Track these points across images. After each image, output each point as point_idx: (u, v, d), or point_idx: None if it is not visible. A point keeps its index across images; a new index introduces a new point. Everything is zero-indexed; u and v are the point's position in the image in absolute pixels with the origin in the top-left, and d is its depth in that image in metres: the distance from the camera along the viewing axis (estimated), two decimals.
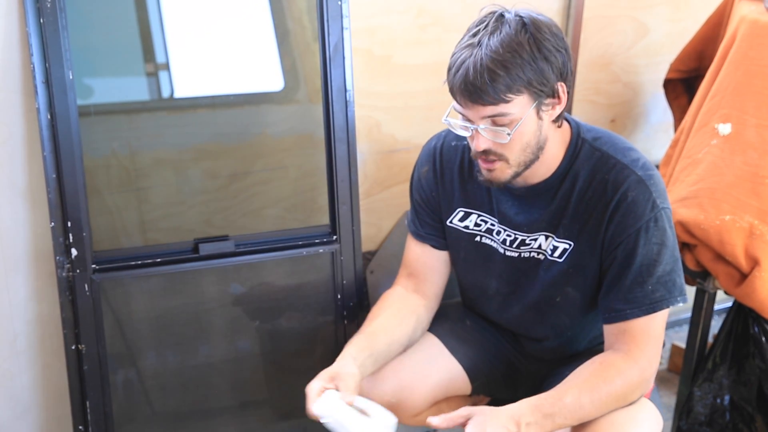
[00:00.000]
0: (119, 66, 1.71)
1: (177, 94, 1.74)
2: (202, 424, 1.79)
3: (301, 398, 1.73)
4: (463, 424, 1.43)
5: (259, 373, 1.83)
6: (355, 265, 1.78)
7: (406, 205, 1.99)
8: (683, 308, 2.44)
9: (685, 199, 1.74)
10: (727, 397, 1.80)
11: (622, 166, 1.42)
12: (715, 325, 1.90)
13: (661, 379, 2.35)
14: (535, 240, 1.51)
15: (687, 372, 1.88)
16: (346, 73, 1.71)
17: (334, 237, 1.76)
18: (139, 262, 1.65)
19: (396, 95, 1.94)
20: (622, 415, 1.46)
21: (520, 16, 1.34)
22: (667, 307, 1.43)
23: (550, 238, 1.49)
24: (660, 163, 1.89)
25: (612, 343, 1.45)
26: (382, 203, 2.03)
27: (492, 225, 1.53)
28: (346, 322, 1.80)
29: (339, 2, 1.66)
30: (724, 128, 1.69)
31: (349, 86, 1.71)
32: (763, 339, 1.72)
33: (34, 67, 1.50)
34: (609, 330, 1.45)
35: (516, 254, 1.53)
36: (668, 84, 2.08)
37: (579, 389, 1.40)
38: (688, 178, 1.75)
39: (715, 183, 1.70)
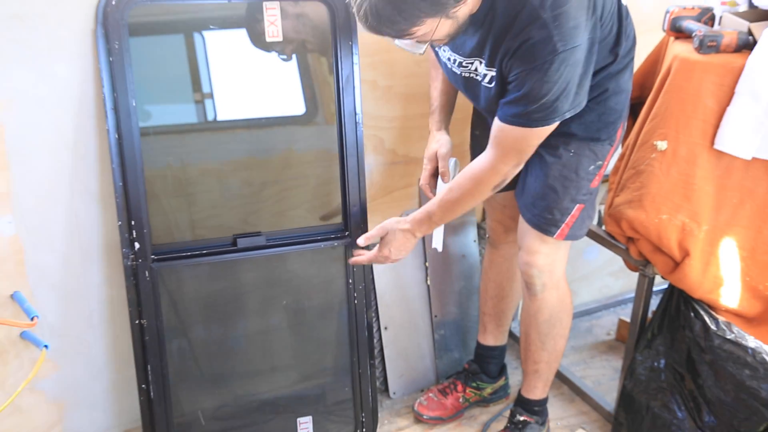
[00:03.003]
0: (173, 95, 1.71)
1: (219, 118, 1.74)
2: (239, 383, 1.80)
3: (320, 364, 1.78)
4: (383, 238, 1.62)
5: (285, 343, 1.84)
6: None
7: (405, 206, 2.08)
8: (628, 289, 2.53)
9: (630, 201, 1.73)
10: (662, 361, 1.80)
11: (531, 8, 1.27)
12: (654, 303, 1.90)
13: (609, 347, 2.35)
14: (471, 63, 1.44)
15: (631, 341, 1.90)
16: (356, 100, 1.71)
17: (347, 233, 1.76)
18: (189, 253, 1.66)
19: (396, 118, 1.94)
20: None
21: None
22: (541, 126, 1.36)
23: (481, 64, 1.42)
24: (610, 173, 1.87)
25: (489, 140, 1.44)
26: (386, 205, 2.03)
27: (451, 53, 1.48)
28: (356, 302, 1.80)
29: (350, 43, 1.67)
30: (662, 145, 1.67)
31: (358, 110, 1.71)
32: (691, 314, 1.71)
33: (104, 96, 1.52)
34: (492, 131, 1.43)
35: (460, 72, 1.49)
36: None
37: (449, 186, 1.53)
38: (633, 185, 1.74)
39: (654, 189, 1.69)
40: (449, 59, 1.50)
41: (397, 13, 1.18)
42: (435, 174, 1.69)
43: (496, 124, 1.42)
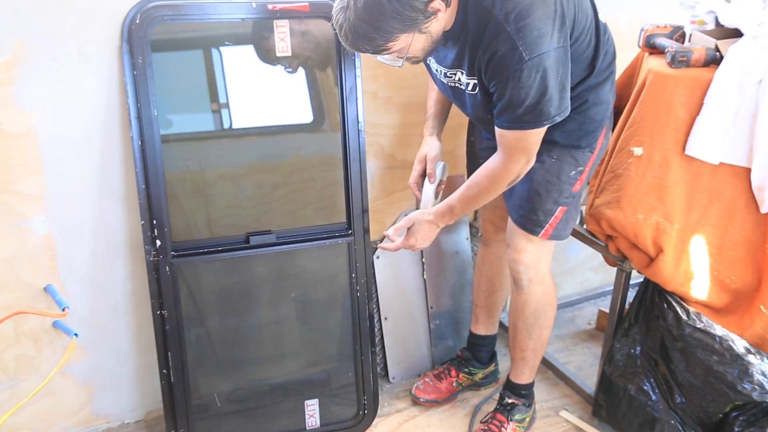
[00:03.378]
0: (191, 105, 1.70)
1: (234, 126, 1.73)
2: (252, 368, 1.80)
3: (325, 351, 1.78)
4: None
5: (294, 332, 1.83)
6: (365, 252, 1.78)
7: (403, 207, 2.06)
8: (607, 283, 2.52)
9: (609, 203, 1.73)
10: (638, 348, 1.80)
11: (496, 22, 1.26)
12: (630, 295, 1.89)
13: (590, 336, 2.35)
14: (455, 74, 1.45)
15: (610, 330, 1.89)
16: (358, 110, 1.70)
17: (350, 231, 1.76)
18: (206, 250, 1.65)
19: (395, 126, 1.93)
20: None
21: None
22: (533, 128, 1.36)
23: (463, 74, 1.42)
24: (591, 177, 1.83)
25: (498, 145, 1.45)
26: (385, 205, 2.02)
27: (437, 65, 1.49)
28: (358, 295, 1.79)
29: (353, 57, 1.67)
30: (638, 151, 1.67)
31: (360, 119, 1.71)
32: (665, 305, 1.72)
33: (129, 106, 1.52)
34: (496, 137, 1.44)
35: (447, 82, 1.49)
36: None
37: (468, 183, 1.53)
38: (612, 188, 1.74)
39: (631, 191, 1.69)
40: (437, 71, 1.51)
41: (373, 30, 1.21)
42: (423, 175, 1.69)
43: (497, 130, 1.42)
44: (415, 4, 1.21)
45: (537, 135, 1.40)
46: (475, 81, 1.40)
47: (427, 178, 1.68)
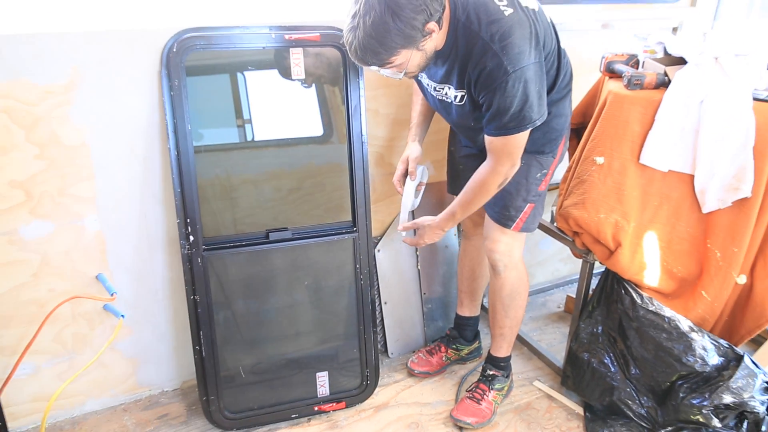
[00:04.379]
0: (219, 121, 1.69)
1: (256, 139, 1.72)
2: (271, 345, 1.79)
3: (333, 330, 1.74)
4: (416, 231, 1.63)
5: (307, 314, 1.82)
6: (368, 246, 1.78)
7: (400, 208, 1.96)
8: (574, 272, 2.49)
9: (575, 204, 1.75)
10: (600, 327, 1.81)
11: (483, 42, 1.28)
12: (594, 282, 1.92)
13: (559, 317, 2.35)
14: (443, 89, 1.45)
15: (576, 312, 1.90)
16: (362, 124, 1.70)
17: (354, 228, 1.76)
18: (232, 244, 1.65)
19: (393, 138, 1.93)
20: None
21: None
22: (518, 132, 1.37)
23: (451, 89, 1.42)
24: (561, 181, 1.87)
25: (487, 152, 1.46)
26: (385, 207, 2.02)
27: (428, 80, 1.49)
28: (362, 282, 1.79)
29: (357, 79, 1.67)
30: (600, 160, 1.69)
31: (364, 132, 1.71)
32: (622, 291, 1.73)
33: (167, 122, 1.53)
34: (486, 144, 1.44)
35: (435, 95, 1.50)
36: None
37: (464, 190, 1.52)
38: (577, 191, 1.75)
39: (594, 195, 1.70)
40: (428, 85, 1.51)
41: (379, 45, 1.22)
42: (406, 174, 1.69)
43: (486, 139, 1.42)
44: (414, 24, 1.22)
45: (521, 139, 1.41)
46: (464, 93, 1.40)
47: (408, 176, 1.68)
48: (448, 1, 1.29)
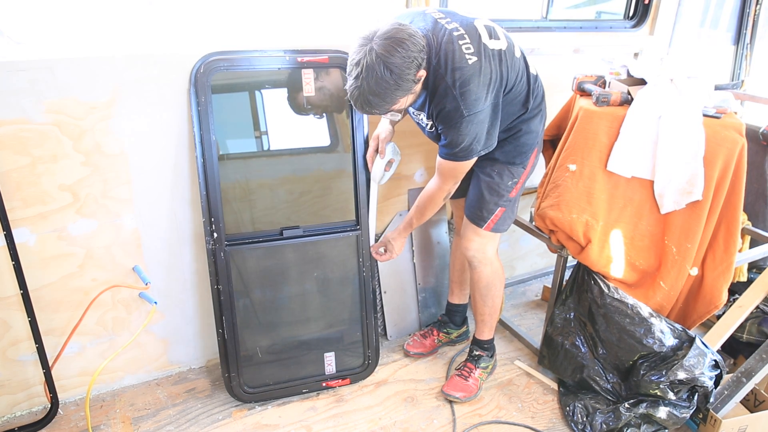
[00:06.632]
0: (240, 132, 1.69)
1: (272, 148, 1.72)
2: (285, 329, 1.78)
3: (339, 316, 1.74)
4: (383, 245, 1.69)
5: (316, 301, 1.81)
6: (368, 242, 1.79)
7: (398, 208, 2.06)
8: (550, 265, 2.50)
9: (551, 205, 1.76)
10: (572, 314, 1.82)
11: (446, 85, 1.31)
12: (567, 274, 1.97)
13: (537, 305, 2.36)
14: (420, 114, 1.48)
15: (551, 301, 1.91)
16: (364, 136, 1.72)
17: (358, 227, 1.76)
18: (250, 240, 1.66)
19: None
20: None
21: (380, 57, 1.21)
22: (464, 161, 1.41)
23: (424, 116, 1.46)
24: (538, 185, 1.86)
25: (436, 171, 1.50)
26: (385, 207, 2.02)
27: (410, 107, 1.49)
28: (364, 274, 1.79)
29: None
30: (572, 167, 1.70)
31: (366, 143, 1.72)
32: (591, 282, 1.74)
33: (194, 134, 1.55)
34: (436, 164, 1.48)
35: (414, 117, 1.53)
36: (544, 142, 1.92)
37: (416, 203, 1.58)
38: (553, 194, 1.76)
39: (567, 198, 1.72)
40: (410, 110, 1.55)
41: (381, 100, 1.28)
42: (377, 150, 1.69)
43: (438, 159, 1.46)
44: (408, 76, 1.27)
45: (466, 166, 1.46)
46: (433, 121, 1.45)
47: (378, 154, 1.68)
48: (426, 45, 1.31)
